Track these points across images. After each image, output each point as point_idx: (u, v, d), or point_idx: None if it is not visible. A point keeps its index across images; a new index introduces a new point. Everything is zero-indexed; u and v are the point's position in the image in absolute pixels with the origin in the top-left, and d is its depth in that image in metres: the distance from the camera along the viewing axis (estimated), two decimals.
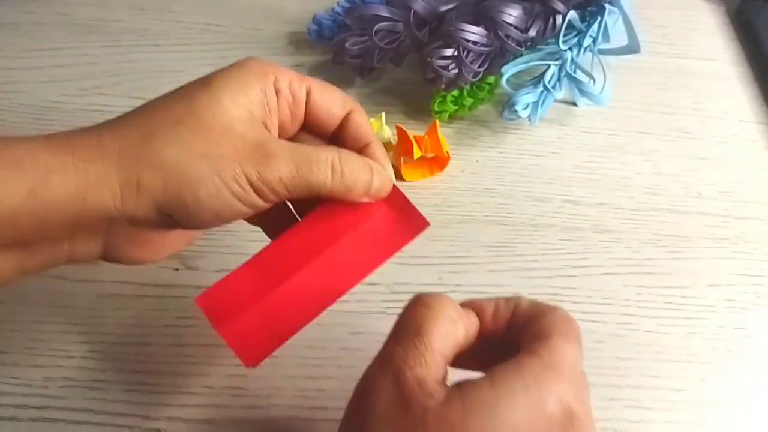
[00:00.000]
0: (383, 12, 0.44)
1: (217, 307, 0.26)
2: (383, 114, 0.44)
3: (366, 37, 0.45)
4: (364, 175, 0.26)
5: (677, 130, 0.48)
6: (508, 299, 0.26)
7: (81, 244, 0.24)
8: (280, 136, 0.27)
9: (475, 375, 0.22)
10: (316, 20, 0.51)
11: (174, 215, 0.23)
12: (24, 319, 0.36)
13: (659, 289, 0.39)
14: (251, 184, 0.23)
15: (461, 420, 0.20)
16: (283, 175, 0.24)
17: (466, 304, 0.25)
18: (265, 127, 0.25)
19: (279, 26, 0.54)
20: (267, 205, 0.25)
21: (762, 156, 0.47)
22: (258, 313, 0.26)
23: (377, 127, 0.43)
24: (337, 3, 0.51)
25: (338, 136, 0.28)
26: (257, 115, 0.25)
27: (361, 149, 0.27)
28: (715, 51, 0.55)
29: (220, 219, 0.24)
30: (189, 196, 0.23)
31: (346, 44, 0.45)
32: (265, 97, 0.25)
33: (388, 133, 0.44)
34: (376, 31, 0.44)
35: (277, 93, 0.26)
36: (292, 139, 0.28)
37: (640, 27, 0.49)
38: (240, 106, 0.24)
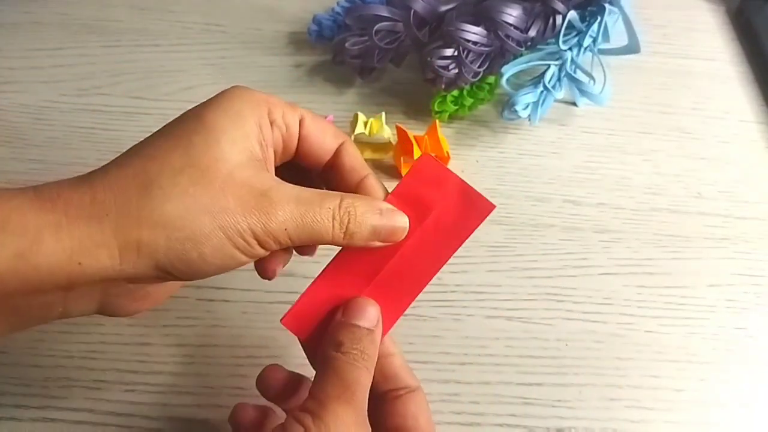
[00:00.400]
0: (383, 12, 0.44)
1: (303, 324, 0.26)
2: (383, 114, 0.44)
3: (366, 37, 0.45)
4: (370, 220, 0.25)
5: (677, 130, 0.48)
6: (391, 344, 0.27)
7: (75, 303, 0.23)
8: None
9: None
10: (316, 20, 0.51)
11: (175, 272, 0.22)
12: None
13: (659, 289, 0.39)
14: (256, 237, 0.23)
15: None
16: (289, 226, 0.23)
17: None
18: (266, 165, 0.25)
19: (279, 26, 0.54)
20: (267, 254, 0.24)
21: (762, 156, 0.47)
22: None
23: (377, 127, 0.43)
24: (337, 3, 0.51)
25: (332, 169, 0.27)
26: (257, 155, 0.24)
27: (358, 183, 0.26)
28: (715, 51, 0.54)
29: (221, 270, 0.23)
30: (193, 253, 0.22)
31: (346, 44, 0.45)
32: (261, 131, 0.24)
33: (388, 133, 0.44)
34: (376, 31, 0.44)
35: (271, 123, 0.25)
36: (282, 169, 0.27)
37: (640, 27, 0.49)
38: (238, 147, 0.23)
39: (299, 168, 0.28)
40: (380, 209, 0.25)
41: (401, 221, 0.26)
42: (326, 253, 0.27)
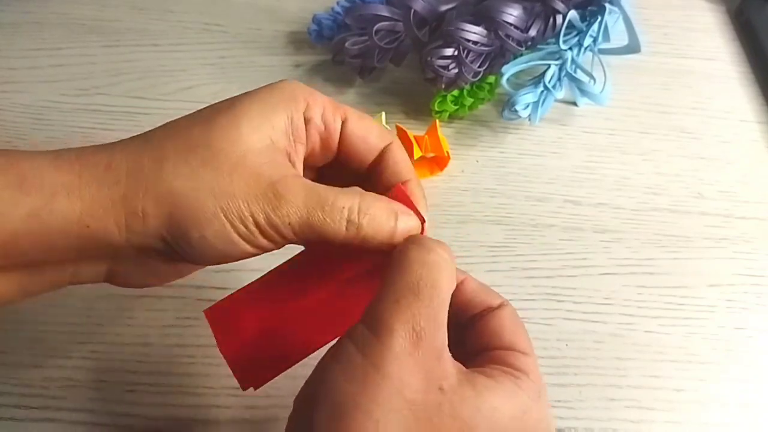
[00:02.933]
0: (383, 12, 0.44)
1: (223, 322, 0.25)
2: (383, 114, 0.44)
3: (366, 37, 0.45)
4: (386, 224, 0.23)
5: (678, 129, 0.48)
6: (458, 270, 0.24)
7: (85, 267, 0.23)
8: (310, 164, 0.26)
9: None
10: (316, 20, 0.51)
11: (179, 250, 0.22)
12: (24, 319, 0.36)
13: (659, 289, 0.39)
14: (258, 226, 0.22)
15: (471, 416, 0.19)
16: (293, 220, 0.22)
17: None
18: (288, 158, 0.24)
19: (279, 26, 0.54)
20: (276, 247, 0.23)
21: (763, 156, 0.47)
22: (264, 334, 0.25)
23: None
24: (337, 3, 0.51)
25: (375, 171, 0.26)
26: (280, 145, 0.23)
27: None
28: (715, 51, 0.54)
29: (226, 257, 0.23)
30: (194, 234, 0.22)
31: (346, 44, 0.45)
32: (291, 124, 0.24)
33: None
34: (376, 31, 0.44)
35: (308, 121, 0.24)
36: (324, 168, 0.27)
37: (641, 27, 0.49)
38: (259, 134, 0.23)
39: (343, 168, 0.27)
40: (396, 213, 0.24)
41: (416, 221, 0.24)
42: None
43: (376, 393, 0.18)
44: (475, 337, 0.23)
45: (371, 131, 0.26)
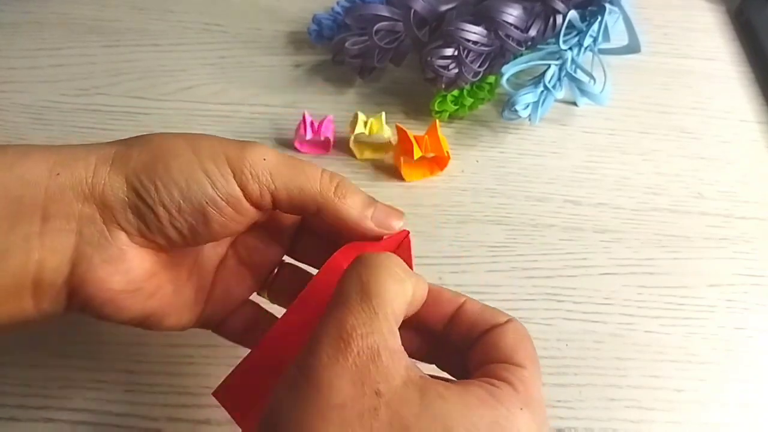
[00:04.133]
0: (383, 12, 0.44)
1: (237, 399, 0.24)
2: (383, 114, 0.44)
3: (366, 37, 0.45)
4: (357, 192, 0.25)
5: (678, 129, 0.48)
6: (454, 293, 0.24)
7: (50, 248, 0.22)
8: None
9: None
10: (316, 20, 0.51)
11: (141, 190, 0.23)
12: None
13: (659, 289, 0.39)
14: (230, 164, 0.23)
15: (414, 421, 0.18)
16: (269, 157, 0.24)
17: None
18: None
19: (279, 26, 0.54)
20: (247, 207, 0.24)
21: (763, 156, 0.47)
22: None
23: (377, 127, 0.43)
24: (337, 3, 0.51)
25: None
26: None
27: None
28: (715, 51, 0.54)
29: (188, 205, 0.23)
30: (159, 165, 0.23)
31: (346, 44, 0.45)
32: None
33: (388, 132, 0.44)
34: (376, 31, 0.44)
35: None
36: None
37: (641, 27, 0.49)
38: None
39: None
40: (365, 193, 0.26)
41: (397, 211, 0.26)
42: None
43: (307, 404, 0.18)
44: (475, 353, 0.23)
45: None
